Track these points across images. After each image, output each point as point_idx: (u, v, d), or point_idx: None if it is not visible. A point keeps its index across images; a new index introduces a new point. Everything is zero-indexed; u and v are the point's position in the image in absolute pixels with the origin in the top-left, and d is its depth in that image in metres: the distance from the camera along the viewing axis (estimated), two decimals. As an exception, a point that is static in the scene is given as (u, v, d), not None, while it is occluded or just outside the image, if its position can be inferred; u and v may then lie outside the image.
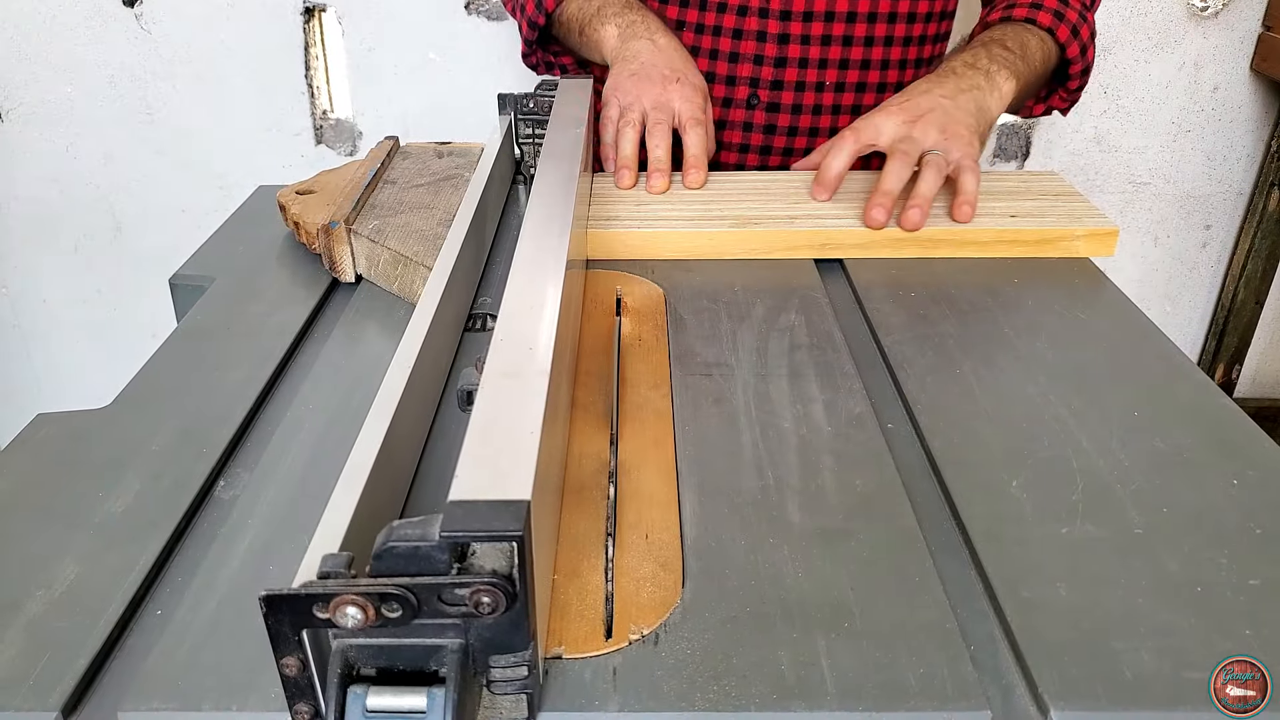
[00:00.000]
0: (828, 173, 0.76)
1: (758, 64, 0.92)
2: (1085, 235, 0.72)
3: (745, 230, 0.72)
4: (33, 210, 1.62)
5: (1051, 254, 0.72)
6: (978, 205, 0.74)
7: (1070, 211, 0.75)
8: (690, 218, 0.74)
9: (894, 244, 0.72)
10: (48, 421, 0.53)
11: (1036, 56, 0.85)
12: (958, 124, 0.76)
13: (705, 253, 0.72)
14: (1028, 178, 0.81)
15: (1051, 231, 0.72)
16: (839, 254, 0.72)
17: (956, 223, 0.73)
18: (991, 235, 0.72)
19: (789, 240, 0.72)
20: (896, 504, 0.46)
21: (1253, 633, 0.39)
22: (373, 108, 1.55)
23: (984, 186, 0.77)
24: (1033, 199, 0.77)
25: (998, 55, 0.82)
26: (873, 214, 0.72)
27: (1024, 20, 0.87)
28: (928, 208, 0.72)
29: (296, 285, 0.69)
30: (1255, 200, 1.62)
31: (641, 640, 0.38)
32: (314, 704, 0.33)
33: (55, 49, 1.49)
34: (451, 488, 0.33)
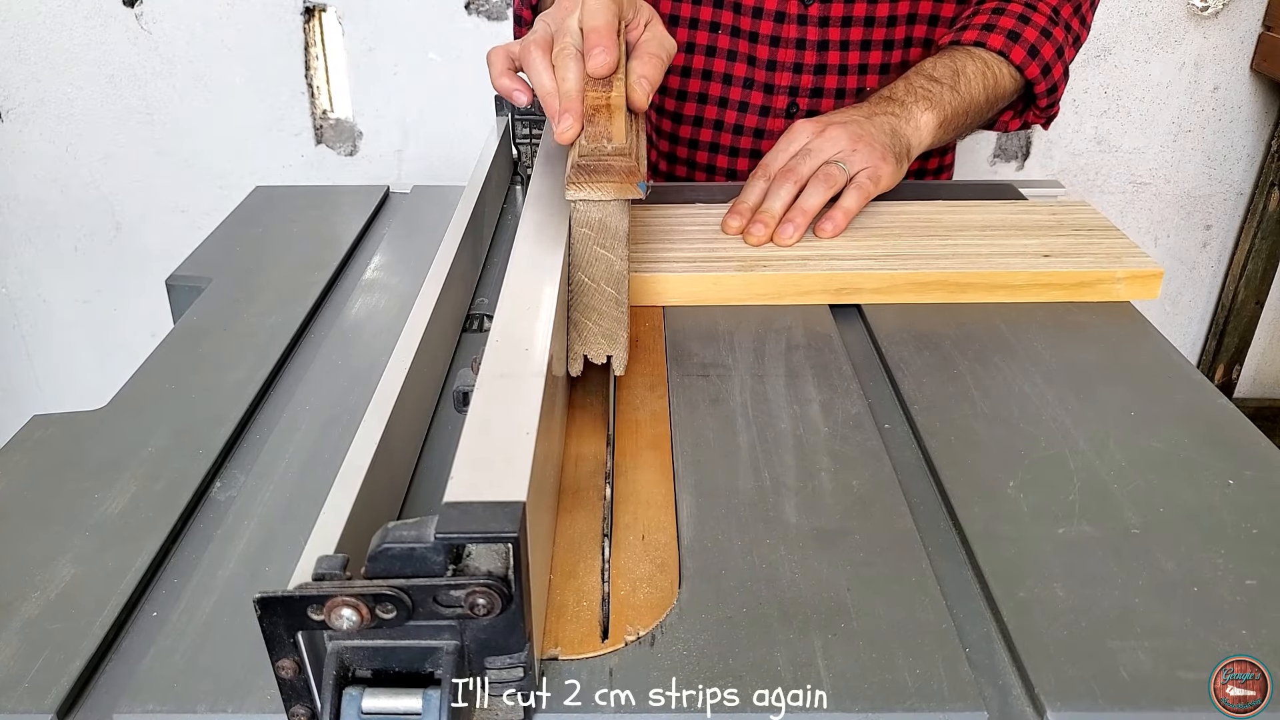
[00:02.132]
0: (741, 205, 0.71)
1: (797, 72, 0.90)
2: (1126, 277, 0.66)
3: (753, 274, 0.65)
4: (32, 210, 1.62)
5: (1089, 298, 0.65)
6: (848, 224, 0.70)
7: (1109, 250, 0.68)
8: (690, 259, 0.67)
9: (917, 288, 0.65)
10: (44, 422, 0.53)
11: (975, 84, 0.80)
12: (869, 139, 0.72)
13: (708, 298, 0.65)
14: (1058, 209, 0.75)
15: (1090, 274, 0.65)
16: (856, 299, 0.65)
17: (816, 236, 0.70)
18: (1025, 278, 0.65)
19: (801, 285, 0.65)
20: (893, 504, 0.46)
21: (1249, 633, 0.39)
22: (373, 108, 1.55)
23: (1013, 219, 0.72)
24: (1066, 235, 0.70)
25: (918, 87, 0.79)
26: (752, 232, 0.69)
27: (973, 44, 0.82)
28: (807, 221, 0.69)
29: (293, 286, 0.69)
30: (1255, 200, 1.62)
31: (638, 641, 0.38)
32: (310, 706, 0.33)
33: (55, 49, 1.49)
34: (447, 489, 0.33)
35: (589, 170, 0.50)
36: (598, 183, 0.50)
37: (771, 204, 0.70)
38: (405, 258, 0.73)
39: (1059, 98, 0.87)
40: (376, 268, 0.72)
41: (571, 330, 0.53)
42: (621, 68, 0.56)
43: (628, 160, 0.50)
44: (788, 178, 0.70)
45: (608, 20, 0.55)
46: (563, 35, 0.57)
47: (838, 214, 0.70)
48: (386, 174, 1.60)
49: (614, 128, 0.52)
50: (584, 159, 0.50)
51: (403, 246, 0.76)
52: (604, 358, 0.54)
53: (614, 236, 0.52)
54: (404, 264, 0.72)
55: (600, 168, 0.50)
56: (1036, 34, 0.83)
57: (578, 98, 0.54)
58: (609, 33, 0.55)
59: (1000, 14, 0.83)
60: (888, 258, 0.67)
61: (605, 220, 0.52)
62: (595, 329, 0.53)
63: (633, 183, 0.50)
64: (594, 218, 0.51)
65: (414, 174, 1.60)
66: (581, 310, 0.53)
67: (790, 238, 0.69)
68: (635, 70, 0.57)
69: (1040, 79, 0.83)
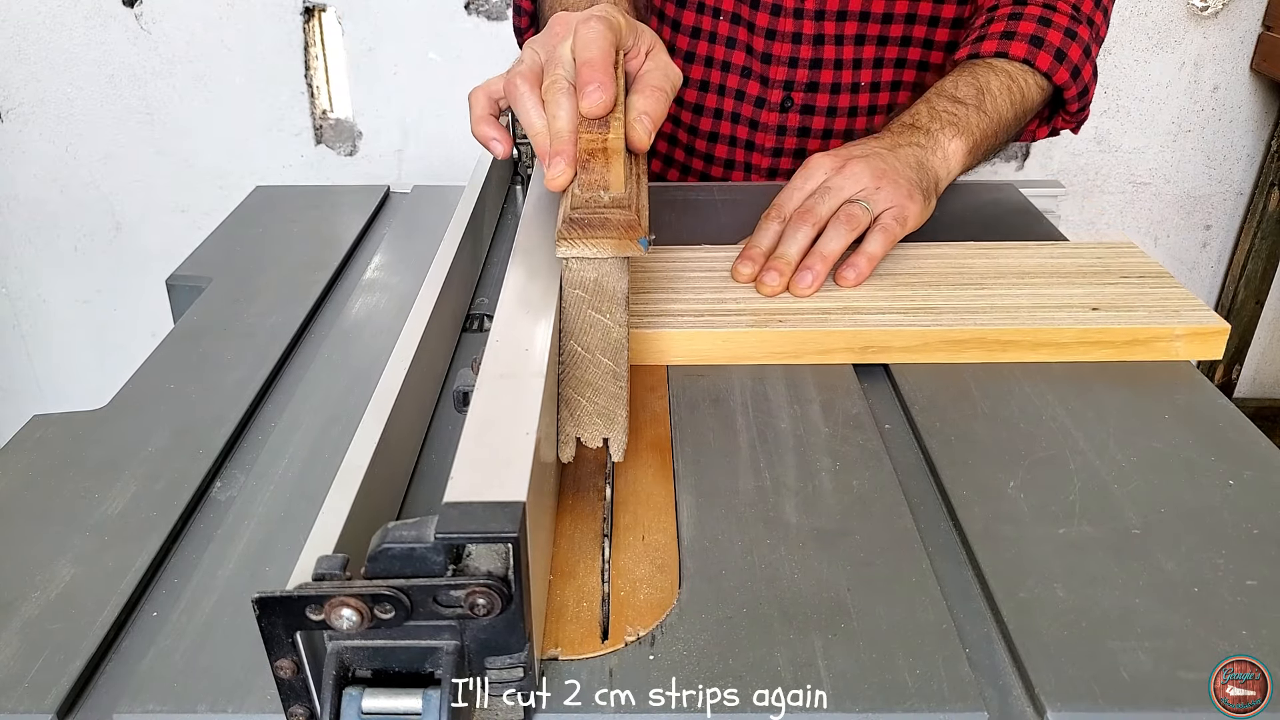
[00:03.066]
0: (753, 249, 0.64)
1: (793, 66, 0.89)
2: (1186, 334, 0.58)
3: (767, 330, 0.58)
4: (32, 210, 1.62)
5: (1144, 356, 0.58)
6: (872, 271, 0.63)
7: (1163, 301, 0.61)
8: (697, 312, 0.60)
9: (952, 347, 0.58)
10: (44, 422, 0.53)
11: (1002, 100, 0.74)
12: (895, 174, 0.65)
13: (717, 356, 0.58)
14: (1102, 252, 0.67)
15: (1144, 330, 0.58)
16: (884, 358, 0.58)
17: (837, 285, 0.62)
18: (1072, 335, 0.58)
19: (823, 342, 0.58)
20: (894, 504, 0.46)
21: (1250, 633, 0.39)
22: (372, 108, 1.55)
23: (1053, 264, 0.65)
24: (1114, 283, 0.63)
25: (942, 111, 0.72)
26: (764, 281, 0.62)
27: (994, 55, 0.77)
28: (826, 267, 0.62)
29: (294, 286, 0.69)
30: (1255, 200, 1.62)
31: (638, 642, 0.38)
32: (309, 706, 0.33)
33: (55, 49, 1.49)
34: (447, 489, 0.33)
35: (583, 224, 0.44)
36: (593, 238, 0.44)
37: (787, 249, 0.62)
38: (405, 258, 0.73)
39: (1090, 100, 0.82)
40: (377, 268, 0.71)
41: (562, 408, 0.47)
42: (620, 104, 0.50)
43: (627, 213, 0.45)
44: (805, 219, 0.63)
45: (603, 51, 0.49)
46: (554, 66, 0.51)
47: (861, 260, 0.63)
48: (386, 174, 1.60)
49: (611, 175, 0.46)
50: (577, 211, 0.45)
51: (403, 246, 0.76)
52: (600, 440, 0.47)
53: (611, 299, 0.46)
54: (404, 264, 0.72)
55: (596, 221, 0.44)
56: (1061, 36, 0.77)
57: (570, 139, 0.48)
58: (604, 66, 0.49)
59: (1019, 19, 0.77)
60: (917, 311, 0.59)
61: (601, 281, 0.45)
62: (590, 407, 0.47)
63: (633, 239, 0.44)
64: (588, 278, 0.45)
65: (414, 174, 1.60)
66: (574, 385, 0.47)
67: (808, 287, 0.61)
68: (635, 106, 0.51)
69: (1070, 83, 0.78)
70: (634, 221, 0.45)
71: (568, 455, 0.47)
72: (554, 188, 0.48)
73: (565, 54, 0.51)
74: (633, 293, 0.59)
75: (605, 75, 0.48)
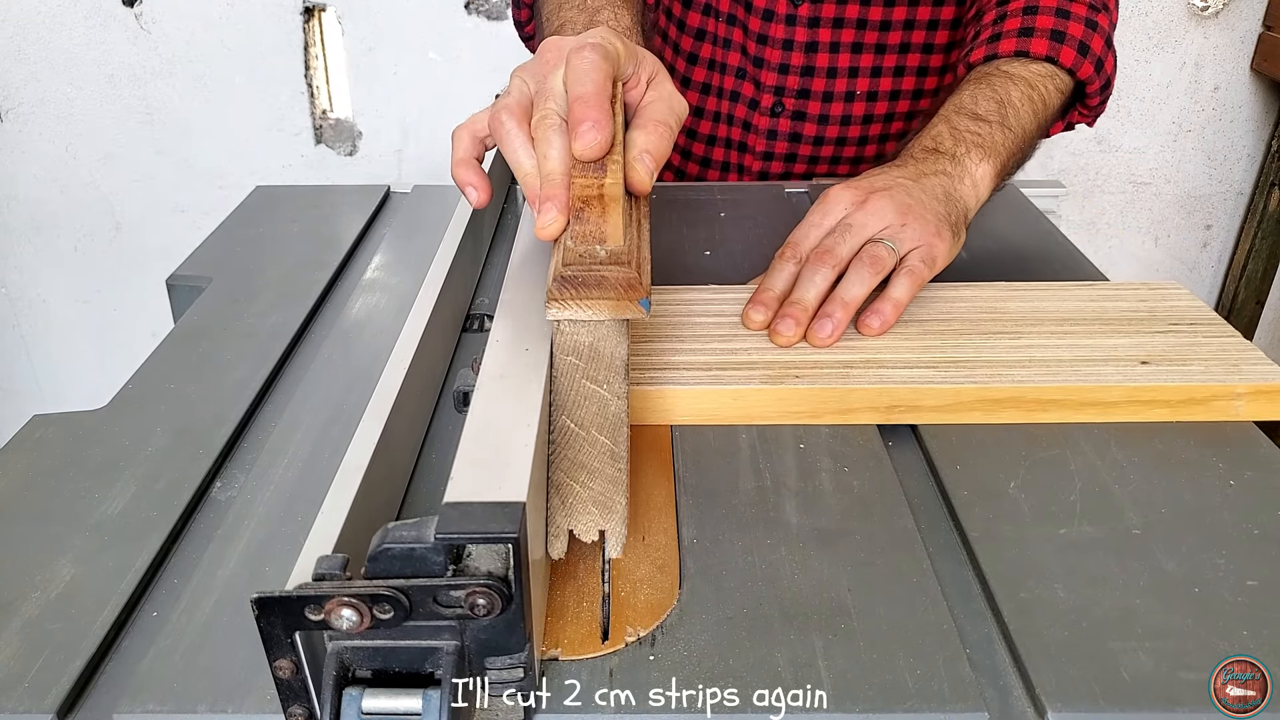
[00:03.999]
0: (765, 293, 0.58)
1: (783, 72, 0.88)
2: (1249, 393, 0.52)
3: (782, 387, 0.52)
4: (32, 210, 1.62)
5: (1201, 417, 0.52)
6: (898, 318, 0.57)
7: (1221, 354, 0.54)
8: (705, 365, 0.54)
9: (988, 406, 0.52)
10: (44, 422, 0.53)
11: (1025, 113, 0.69)
12: (921, 208, 0.59)
13: (727, 415, 0.52)
14: (1146, 294, 0.61)
15: (1202, 388, 0.52)
16: (912, 418, 0.52)
17: (859, 334, 0.56)
18: (1120, 394, 0.52)
19: (844, 400, 0.52)
20: (894, 505, 0.46)
21: (1250, 633, 0.39)
22: (372, 107, 1.55)
23: (1094, 308, 0.59)
24: (1162, 330, 0.57)
25: (966, 132, 0.66)
26: (779, 330, 0.55)
27: (1013, 55, 0.71)
28: (848, 315, 0.55)
29: (294, 286, 0.69)
30: (1256, 200, 1.62)
31: (638, 642, 0.38)
32: (308, 706, 0.33)
33: (55, 49, 1.49)
34: (447, 489, 0.33)
35: (576, 283, 0.39)
36: (587, 299, 0.39)
37: (803, 293, 0.56)
38: (405, 258, 0.73)
39: (1110, 93, 0.76)
40: (377, 267, 0.71)
41: (552, 494, 0.41)
42: (618, 142, 0.45)
43: (626, 270, 0.40)
44: (823, 260, 0.57)
45: (598, 84, 0.44)
46: (544, 99, 0.47)
47: (887, 307, 0.56)
48: (386, 174, 1.60)
49: (608, 225, 0.41)
50: (570, 268, 0.40)
51: (403, 246, 0.76)
52: (595, 533, 0.42)
53: (608, 368, 0.41)
54: (404, 264, 0.72)
55: (591, 279, 0.39)
56: (1082, 28, 0.71)
57: (563, 182, 0.43)
58: (600, 101, 0.44)
59: (1035, 12, 0.72)
60: (948, 365, 0.54)
61: (597, 347, 0.41)
62: (584, 494, 0.41)
63: (633, 299, 0.39)
64: (582, 343, 0.41)
65: (414, 174, 1.60)
66: (565, 468, 0.41)
67: (828, 337, 0.55)
68: (636, 143, 0.46)
69: (1094, 77, 0.73)
70: (634, 280, 0.40)
71: (558, 551, 0.41)
72: (545, 237, 0.43)
73: (557, 85, 0.47)
74: (631, 342, 0.49)
75: (601, 112, 0.43)
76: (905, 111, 0.91)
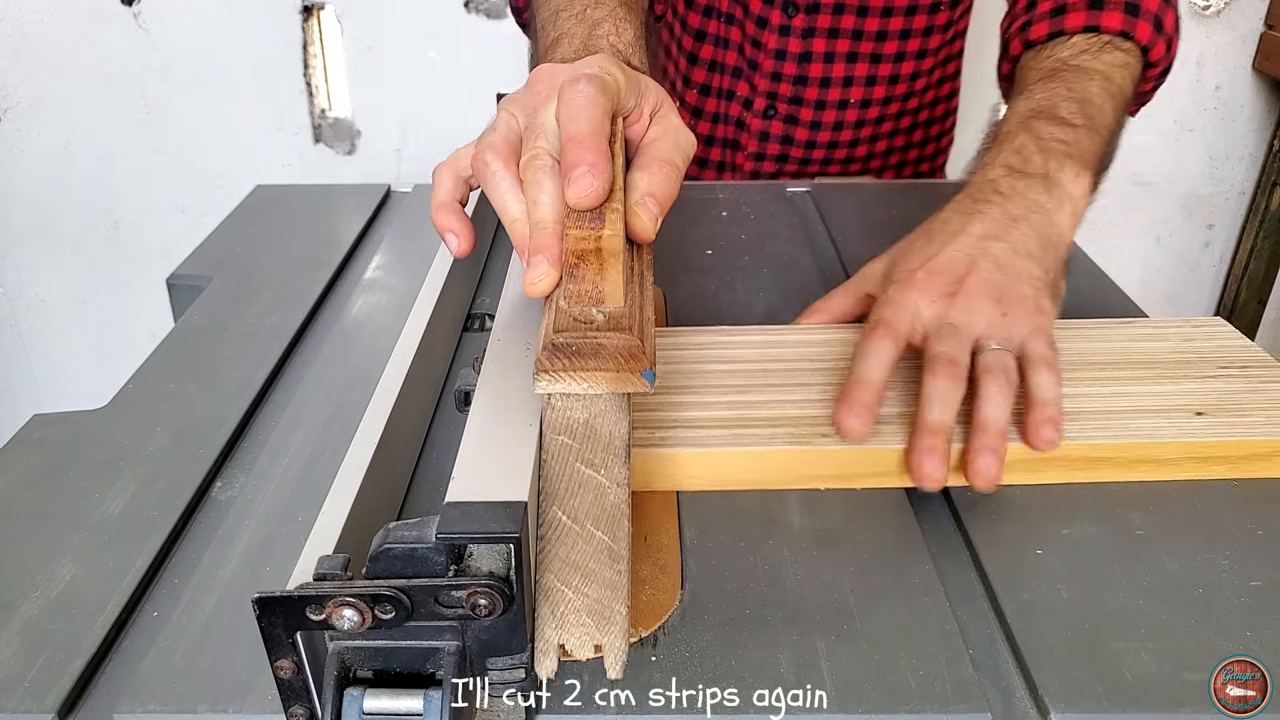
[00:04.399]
0: (863, 390, 0.47)
1: (775, 80, 0.88)
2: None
3: (811, 449, 0.47)
4: (31, 209, 1.61)
5: (1264, 473, 0.48)
6: None
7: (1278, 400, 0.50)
8: (723, 422, 0.48)
9: (1034, 466, 0.47)
10: (44, 422, 0.53)
11: (1107, 110, 0.58)
12: (1018, 280, 0.50)
13: (750, 480, 0.47)
14: (1191, 332, 0.56)
15: (1265, 444, 0.48)
16: (953, 481, 0.46)
17: (1035, 450, 0.47)
18: (1178, 450, 0.47)
19: (879, 462, 0.47)
20: (897, 505, 0.46)
21: (1253, 634, 0.39)
22: (372, 107, 1.55)
23: (1139, 350, 0.54)
24: (1213, 375, 0.52)
25: (1054, 142, 0.55)
26: (925, 471, 0.45)
27: (1081, 29, 0.62)
28: (1004, 444, 0.45)
29: (294, 285, 0.69)
30: (1258, 200, 1.62)
31: (640, 643, 0.38)
32: (309, 707, 0.32)
33: (53, 48, 1.49)
34: (448, 489, 0.33)
35: (570, 351, 0.34)
36: (583, 370, 0.34)
37: (941, 415, 0.45)
38: (406, 257, 0.73)
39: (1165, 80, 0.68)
40: (377, 267, 0.71)
41: (541, 602, 0.36)
42: (618, 186, 0.40)
43: (627, 337, 0.35)
44: (952, 373, 0.46)
45: (594, 122, 0.40)
46: (534, 136, 0.42)
47: (1054, 411, 0.47)
48: (385, 173, 1.59)
49: (607, 284, 0.37)
50: (563, 334, 0.35)
51: (403, 246, 0.76)
52: (590, 649, 0.36)
53: (606, 449, 0.35)
54: (404, 263, 0.72)
55: (587, 348, 0.34)
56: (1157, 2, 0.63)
57: (555, 232, 0.39)
58: (596, 142, 0.39)
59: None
60: None
61: (594, 425, 0.35)
62: (577, 601, 0.35)
63: (635, 370, 0.35)
64: (576, 420, 0.35)
65: (413, 173, 1.59)
66: (556, 569, 0.35)
67: (995, 474, 0.45)
68: (638, 185, 0.41)
69: (1164, 57, 0.64)
70: (636, 348, 0.35)
71: (547, 670, 0.36)
72: (534, 293, 0.38)
73: (549, 121, 0.42)
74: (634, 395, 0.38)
75: (597, 154, 0.39)
76: (895, 112, 0.92)
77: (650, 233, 0.41)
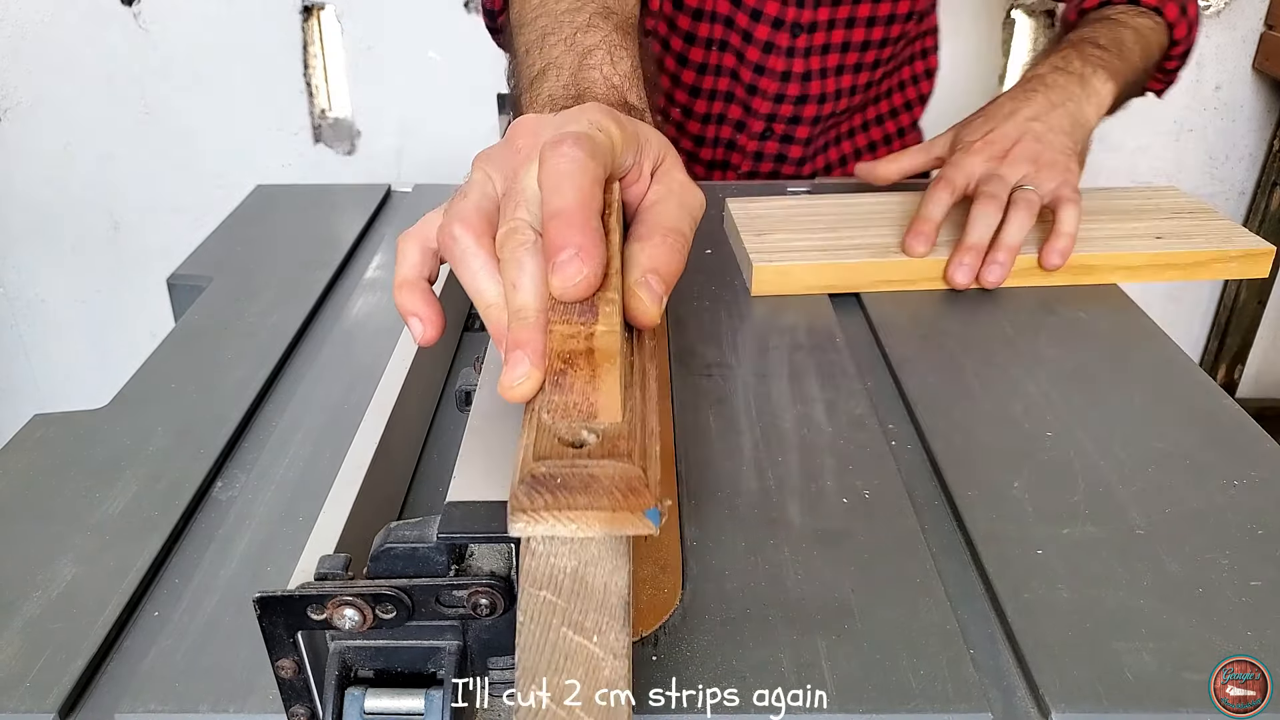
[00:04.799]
0: (926, 224, 0.66)
1: (778, 101, 0.89)
2: (1240, 256, 0.69)
3: (884, 260, 0.66)
4: (31, 209, 1.61)
5: (1204, 277, 0.70)
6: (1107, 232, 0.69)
7: (1216, 231, 0.71)
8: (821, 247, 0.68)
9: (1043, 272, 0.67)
10: (45, 422, 0.53)
11: (1135, 52, 0.75)
12: (1052, 149, 0.67)
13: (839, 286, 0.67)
14: (1152, 194, 0.77)
15: (1205, 254, 0.69)
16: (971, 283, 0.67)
17: (1044, 269, 0.67)
18: (1143, 260, 0.68)
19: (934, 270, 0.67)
20: (898, 505, 0.46)
21: (1254, 634, 0.39)
22: (372, 106, 1.55)
23: (1113, 204, 0.74)
24: (1168, 217, 0.73)
25: (1092, 55, 0.72)
26: (955, 275, 0.65)
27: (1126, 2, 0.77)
28: (1012, 258, 0.65)
29: (295, 285, 0.69)
30: (1258, 200, 1.62)
31: (641, 642, 0.38)
32: (310, 706, 0.33)
33: (53, 48, 1.49)
34: (450, 489, 0.33)
35: (554, 485, 0.28)
36: (570, 509, 0.28)
37: (980, 236, 0.65)
38: (406, 257, 0.73)
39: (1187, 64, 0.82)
40: (377, 267, 0.71)
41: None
42: (614, 269, 0.33)
43: (625, 466, 0.28)
44: (992, 203, 0.65)
45: (582, 194, 0.33)
46: (513, 204, 0.35)
47: (1065, 241, 0.65)
48: (385, 173, 1.59)
49: (600, 394, 0.30)
50: (545, 463, 0.28)
51: (404, 245, 0.75)
52: None
53: (602, 607, 0.28)
54: (405, 263, 0.72)
55: (575, 480, 0.28)
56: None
57: (537, 324, 0.32)
58: (585, 219, 0.32)
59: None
60: None
61: (585, 576, 0.28)
62: None
63: (637, 508, 0.28)
64: (562, 570, 0.28)
65: (413, 173, 1.59)
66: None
67: (998, 281, 0.65)
68: (639, 261, 0.34)
69: (1186, 38, 0.78)
70: (637, 480, 0.28)
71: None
72: (513, 398, 0.32)
73: (530, 186, 0.35)
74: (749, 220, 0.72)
75: (586, 234, 0.32)
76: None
77: (654, 316, 0.34)
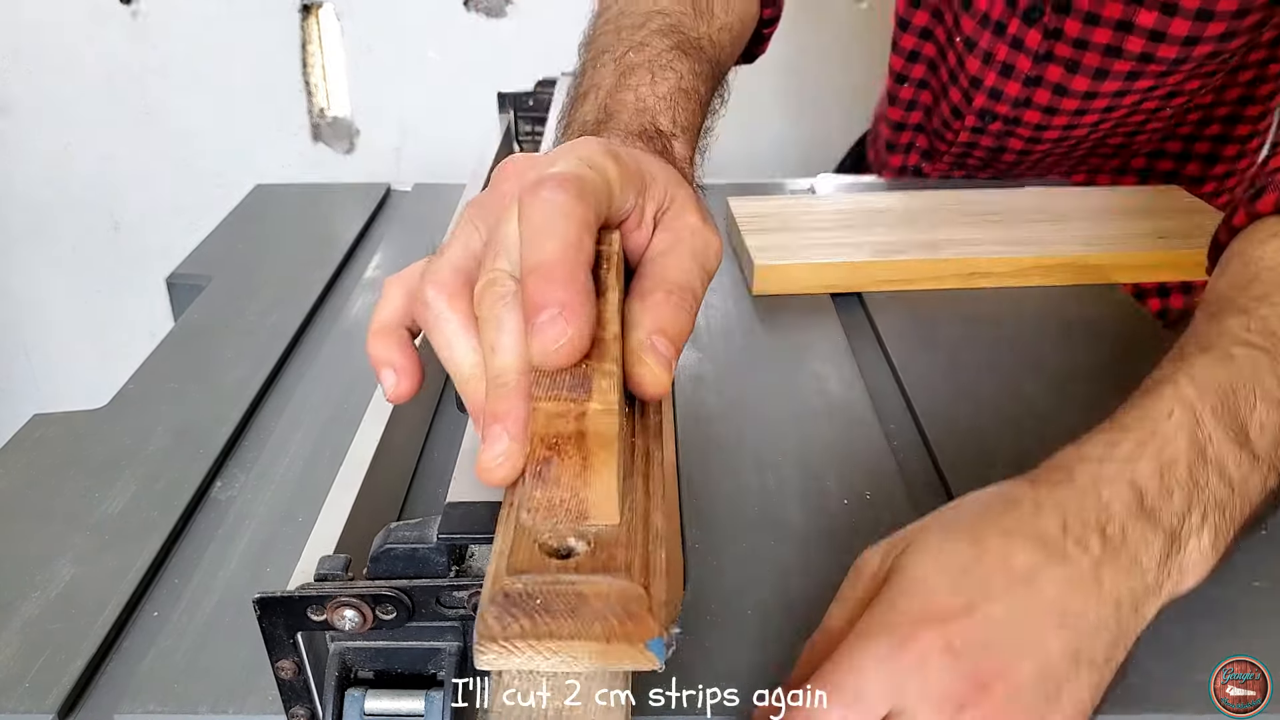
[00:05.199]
0: None
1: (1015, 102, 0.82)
2: None
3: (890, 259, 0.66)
4: (30, 209, 1.61)
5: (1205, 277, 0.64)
6: None
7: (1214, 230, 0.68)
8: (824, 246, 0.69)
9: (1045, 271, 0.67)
10: (44, 422, 0.53)
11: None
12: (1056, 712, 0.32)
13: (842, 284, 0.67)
14: (1153, 194, 0.78)
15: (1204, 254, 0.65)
16: (988, 283, 0.67)
17: None
18: (1146, 259, 0.69)
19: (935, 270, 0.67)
20: (897, 505, 0.46)
21: (1256, 634, 0.39)
22: (371, 106, 1.55)
23: (1116, 203, 0.75)
24: (1170, 218, 0.73)
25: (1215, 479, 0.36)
26: None
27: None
28: None
29: (294, 284, 0.69)
30: (1255, 199, 1.62)
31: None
32: (310, 707, 0.32)
33: (53, 47, 1.49)
34: (450, 489, 0.33)
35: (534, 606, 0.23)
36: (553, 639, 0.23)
37: None
38: (406, 256, 0.73)
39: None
40: (377, 266, 0.71)
41: None
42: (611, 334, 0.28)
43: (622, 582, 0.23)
44: None
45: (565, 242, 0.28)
46: (492, 254, 0.30)
47: None
48: (384, 172, 1.59)
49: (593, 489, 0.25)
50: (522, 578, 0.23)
51: (404, 245, 0.76)
52: None
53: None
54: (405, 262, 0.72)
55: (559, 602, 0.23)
56: None
57: (519, 389, 0.28)
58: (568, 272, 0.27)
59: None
60: (1014, 244, 0.69)
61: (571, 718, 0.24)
62: None
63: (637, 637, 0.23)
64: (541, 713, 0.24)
65: (412, 172, 1.59)
66: None
67: None
68: (641, 321, 0.29)
69: None
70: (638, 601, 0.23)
71: None
72: (491, 481, 0.27)
73: (511, 233, 0.29)
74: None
75: (570, 289, 0.27)
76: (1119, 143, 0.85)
77: (662, 386, 0.29)
